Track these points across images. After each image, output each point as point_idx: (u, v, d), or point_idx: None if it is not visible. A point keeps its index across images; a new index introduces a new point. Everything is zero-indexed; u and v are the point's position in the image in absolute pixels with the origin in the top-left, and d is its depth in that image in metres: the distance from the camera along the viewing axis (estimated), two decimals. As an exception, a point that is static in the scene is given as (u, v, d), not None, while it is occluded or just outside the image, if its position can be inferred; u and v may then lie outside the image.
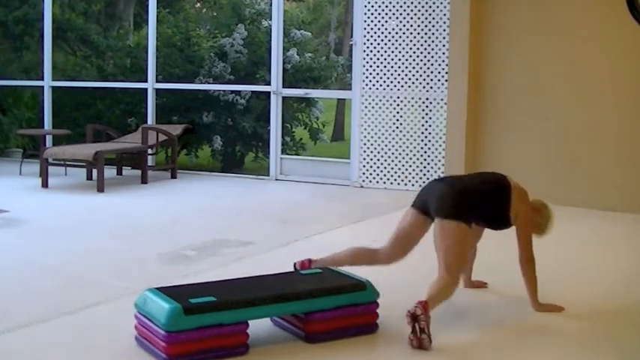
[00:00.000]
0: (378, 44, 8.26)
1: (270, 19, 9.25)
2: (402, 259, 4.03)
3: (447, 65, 7.90)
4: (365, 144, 8.37)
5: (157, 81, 9.86)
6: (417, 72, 8.14)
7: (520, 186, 3.96)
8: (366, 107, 8.36)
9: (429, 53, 8.08)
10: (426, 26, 8.07)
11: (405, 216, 4.00)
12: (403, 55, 8.18)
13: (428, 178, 7.84)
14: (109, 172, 8.64)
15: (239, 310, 3.25)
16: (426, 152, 8.14)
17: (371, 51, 8.29)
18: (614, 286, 4.62)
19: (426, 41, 8.08)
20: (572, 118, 7.30)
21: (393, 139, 8.27)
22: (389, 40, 8.22)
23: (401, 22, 8.17)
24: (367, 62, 8.32)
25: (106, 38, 13.01)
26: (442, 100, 8.02)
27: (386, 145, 8.29)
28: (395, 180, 8.28)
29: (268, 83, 9.28)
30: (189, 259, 5.10)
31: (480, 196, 3.85)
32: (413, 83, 8.16)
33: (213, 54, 10.73)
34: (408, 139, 8.22)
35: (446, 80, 7.93)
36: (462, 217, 3.72)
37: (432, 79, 8.09)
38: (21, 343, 3.47)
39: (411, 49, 8.14)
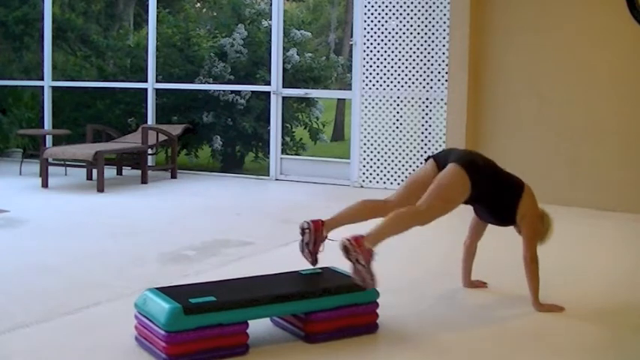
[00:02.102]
0: (378, 44, 8.27)
1: (270, 19, 9.25)
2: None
3: (447, 65, 7.90)
4: (365, 144, 8.37)
5: (157, 81, 9.86)
6: (417, 72, 8.14)
7: (531, 190, 4.02)
8: (366, 107, 8.36)
9: (429, 53, 8.08)
10: (426, 26, 8.07)
11: (420, 168, 4.05)
12: (403, 55, 8.18)
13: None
14: (109, 172, 8.65)
15: (239, 310, 3.25)
16: (426, 152, 8.13)
17: (371, 51, 8.29)
18: (614, 286, 4.62)
19: (426, 41, 8.08)
20: (573, 118, 7.31)
21: (393, 139, 8.27)
22: (389, 40, 8.22)
23: (401, 22, 8.17)
24: (367, 62, 8.32)
25: (106, 38, 13.01)
26: (442, 100, 8.02)
27: (386, 145, 8.29)
28: (395, 180, 8.28)
29: (268, 83, 9.29)
30: (189, 259, 5.10)
31: (497, 182, 3.92)
32: (413, 83, 8.17)
33: (213, 54, 10.73)
34: (408, 139, 8.22)
35: (446, 80, 7.93)
36: (472, 172, 3.77)
37: (432, 79, 8.09)
38: (21, 343, 3.47)
39: (411, 49, 8.15)
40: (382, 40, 8.25)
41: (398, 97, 8.24)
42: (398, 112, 8.25)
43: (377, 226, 3.62)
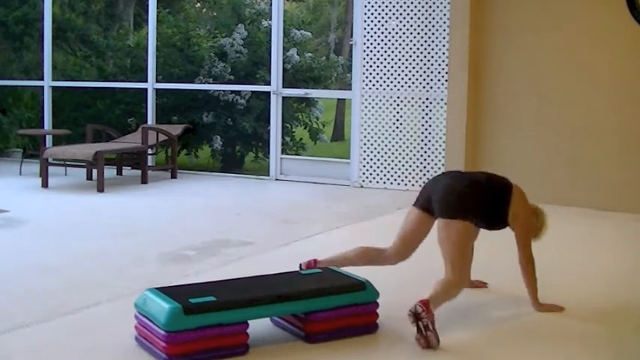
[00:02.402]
0: (378, 44, 8.27)
1: (270, 19, 9.25)
2: (408, 258, 4.07)
3: (447, 65, 7.90)
4: (365, 144, 8.37)
5: (157, 81, 9.86)
6: (417, 72, 8.14)
7: (520, 189, 3.98)
8: (366, 107, 8.36)
9: (429, 53, 8.08)
10: (426, 26, 8.07)
11: (408, 215, 4.03)
12: (403, 55, 8.18)
13: (428, 178, 7.81)
14: (109, 172, 8.65)
15: (239, 310, 3.25)
16: (426, 152, 8.14)
17: (371, 51, 8.29)
18: (614, 286, 4.62)
19: (426, 41, 8.08)
20: (573, 118, 7.30)
21: (393, 139, 8.27)
22: (389, 40, 8.22)
23: (401, 22, 8.17)
24: (367, 62, 8.32)
25: (106, 38, 13.01)
26: (442, 100, 8.02)
27: (386, 145, 8.29)
28: (395, 180, 8.28)
29: (268, 83, 9.29)
30: (189, 259, 5.10)
31: (481, 195, 3.86)
32: (413, 83, 8.16)
33: (213, 54, 10.73)
34: (408, 139, 8.22)
35: (446, 80, 7.93)
36: (466, 215, 3.75)
37: (432, 79, 8.09)
38: (21, 343, 3.47)
39: (411, 49, 8.14)
40: (382, 40, 8.25)
41: (398, 97, 8.24)
42: (398, 112, 8.25)
43: (434, 294, 3.55)
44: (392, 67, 8.23)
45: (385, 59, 8.25)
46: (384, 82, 8.27)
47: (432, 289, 3.57)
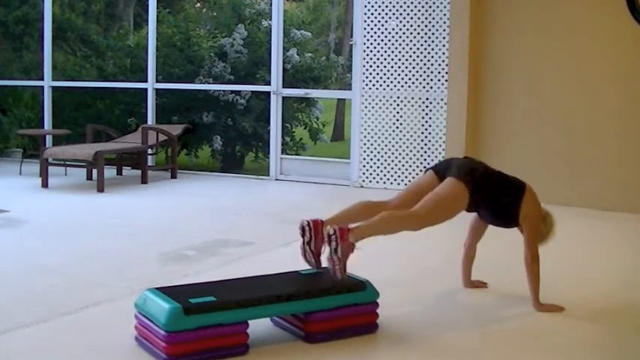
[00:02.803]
0: (378, 44, 8.27)
1: (270, 19, 9.25)
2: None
3: (447, 65, 7.91)
4: (365, 144, 8.37)
5: (157, 81, 9.86)
6: (417, 72, 8.14)
7: (533, 191, 4.02)
8: (366, 107, 8.36)
9: (429, 53, 8.08)
10: (426, 26, 8.07)
11: (420, 177, 4.08)
12: (403, 55, 8.18)
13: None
14: (109, 172, 8.65)
15: (239, 310, 3.25)
16: (426, 152, 8.14)
17: (371, 51, 8.29)
18: (615, 286, 4.62)
19: (426, 41, 8.08)
20: (573, 118, 7.31)
21: (393, 139, 8.27)
22: (389, 40, 8.22)
23: (401, 22, 8.17)
24: (367, 62, 8.32)
25: (106, 38, 13.02)
26: (442, 100, 8.02)
27: (386, 145, 8.29)
28: (395, 180, 8.28)
29: (268, 83, 9.29)
30: (189, 259, 5.10)
31: (497, 187, 3.92)
32: (413, 83, 8.17)
33: (213, 54, 10.73)
34: (408, 139, 8.22)
35: (446, 80, 7.93)
36: (470, 185, 3.79)
37: (432, 79, 8.09)
38: (21, 343, 3.47)
39: (411, 49, 8.14)
40: (382, 40, 8.25)
41: (398, 97, 8.24)
42: (398, 112, 8.25)
43: (367, 222, 3.64)
44: (392, 67, 8.23)
45: (385, 59, 8.25)
46: (384, 82, 8.27)
47: (374, 218, 3.61)
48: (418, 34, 8.10)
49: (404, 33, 8.16)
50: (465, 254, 4.32)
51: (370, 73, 8.32)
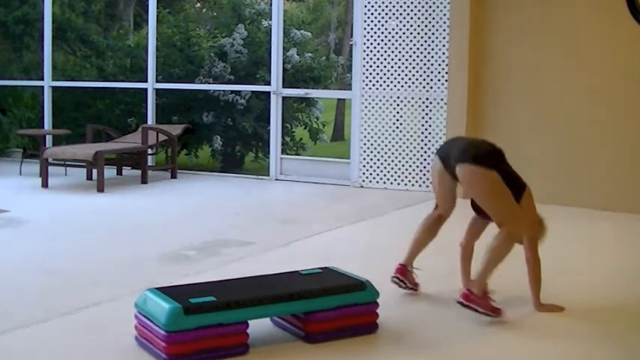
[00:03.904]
0: (378, 44, 8.26)
1: (270, 19, 9.25)
2: (454, 207, 4.19)
3: (447, 65, 7.90)
4: (365, 144, 8.37)
5: (157, 81, 9.86)
6: (417, 72, 8.14)
7: (532, 194, 4.01)
8: (366, 107, 8.36)
9: (429, 53, 8.08)
10: (426, 26, 8.07)
11: (434, 172, 4.15)
12: (403, 55, 8.18)
13: (428, 178, 7.83)
14: (109, 172, 8.64)
15: (239, 310, 3.25)
16: (425, 152, 8.13)
17: (371, 51, 8.29)
18: (615, 286, 4.62)
19: (426, 41, 8.08)
20: (573, 118, 7.30)
21: (393, 139, 8.27)
22: (389, 40, 8.22)
23: (401, 22, 8.17)
24: (367, 62, 8.32)
25: (106, 38, 13.02)
26: (442, 100, 8.02)
27: (386, 145, 8.29)
28: (395, 180, 8.28)
29: (268, 83, 9.28)
30: (189, 259, 5.10)
31: (507, 169, 3.93)
32: (413, 83, 8.16)
33: (213, 54, 10.73)
34: (408, 139, 8.22)
35: (446, 80, 7.93)
36: (496, 167, 3.83)
37: (432, 79, 8.09)
38: (21, 343, 3.47)
39: (411, 49, 8.14)
40: (382, 40, 8.25)
41: (398, 97, 8.23)
42: (398, 112, 8.25)
43: (480, 272, 3.76)
44: (392, 67, 8.22)
45: (385, 59, 8.24)
46: (384, 82, 8.27)
47: (482, 264, 3.78)
48: (418, 34, 8.10)
49: (404, 33, 8.16)
50: (462, 253, 4.31)
51: (370, 73, 8.32)
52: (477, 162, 3.82)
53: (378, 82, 8.29)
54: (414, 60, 8.14)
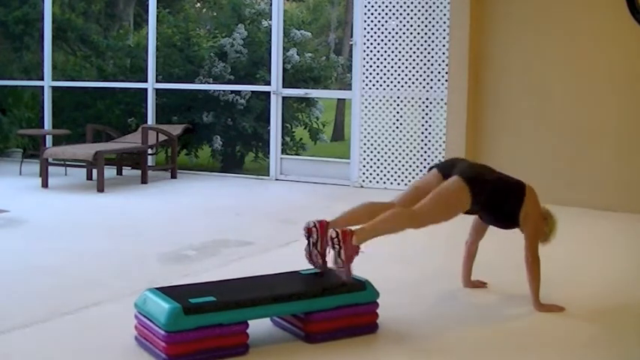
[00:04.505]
0: (378, 44, 8.26)
1: (270, 19, 9.25)
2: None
3: (447, 65, 7.90)
4: (365, 144, 8.37)
5: (157, 81, 9.86)
6: (417, 72, 8.14)
7: (533, 190, 4.02)
8: (366, 107, 8.36)
9: (429, 53, 8.08)
10: (426, 26, 8.07)
11: (425, 175, 4.08)
12: (403, 55, 8.18)
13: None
14: (109, 172, 8.64)
15: (239, 310, 3.25)
16: (426, 152, 8.13)
17: (371, 51, 8.29)
18: (614, 286, 4.62)
19: (426, 41, 8.08)
20: (573, 118, 7.31)
21: (393, 139, 8.27)
22: (389, 40, 8.22)
23: (401, 22, 8.17)
24: (367, 62, 8.32)
25: (106, 38, 13.01)
26: (442, 100, 8.02)
27: (386, 145, 8.29)
28: (395, 180, 8.28)
29: (268, 83, 9.28)
30: (189, 259, 5.10)
31: (500, 195, 3.91)
32: (413, 83, 8.16)
33: (213, 54, 10.73)
34: (408, 139, 8.22)
35: (446, 80, 7.93)
36: (474, 186, 3.79)
37: (432, 79, 8.09)
38: (21, 343, 3.47)
39: (411, 49, 8.14)
40: (382, 40, 8.25)
41: (398, 97, 8.23)
42: (398, 112, 8.25)
43: (369, 224, 3.63)
44: (392, 67, 8.22)
45: (385, 59, 8.24)
46: (384, 82, 8.27)
47: (377, 218, 3.60)
48: (418, 34, 8.10)
49: (404, 33, 8.16)
50: (467, 252, 4.32)
51: (370, 73, 8.32)
52: (463, 178, 3.80)
53: (378, 82, 8.29)
54: (414, 60, 8.14)
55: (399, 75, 8.21)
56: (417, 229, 3.79)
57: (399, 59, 8.19)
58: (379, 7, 8.22)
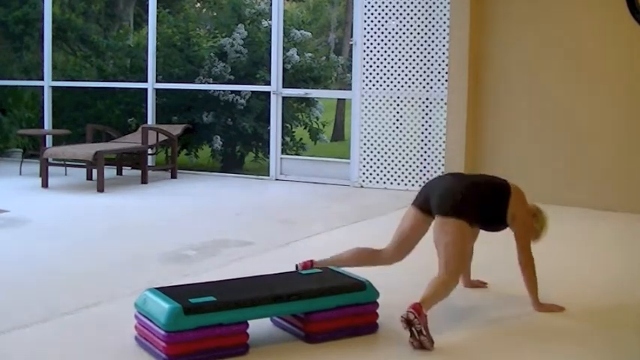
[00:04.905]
0: (378, 44, 8.26)
1: (270, 19, 9.25)
2: (403, 259, 4.07)
3: (447, 65, 7.90)
4: (365, 144, 8.37)
5: (157, 81, 9.86)
6: (417, 72, 8.14)
7: (519, 189, 3.97)
8: (366, 107, 8.36)
9: (429, 53, 8.08)
10: (426, 26, 8.07)
11: (406, 216, 4.03)
12: (403, 55, 8.18)
13: (428, 178, 7.82)
14: (109, 172, 8.64)
15: (239, 310, 3.25)
16: (426, 152, 8.14)
17: (371, 51, 8.29)
18: (614, 285, 4.62)
19: (426, 41, 8.08)
20: (572, 118, 7.31)
21: (393, 139, 8.27)
22: (389, 40, 8.22)
23: (401, 22, 8.17)
24: (367, 62, 8.32)
25: (106, 38, 13.01)
26: (442, 100, 8.02)
27: (386, 145, 8.29)
28: (395, 180, 8.28)
29: (268, 83, 9.28)
30: (189, 259, 5.10)
31: (480, 197, 3.86)
32: (413, 83, 8.16)
33: (213, 54, 10.73)
34: (408, 139, 8.22)
35: (446, 80, 7.93)
36: (462, 215, 3.74)
37: (432, 79, 8.09)
38: (21, 343, 3.47)
39: (411, 49, 8.14)
40: (382, 40, 8.25)
41: (398, 97, 8.23)
42: (398, 112, 8.25)
43: (428, 294, 3.54)
44: (392, 67, 8.22)
45: (385, 59, 8.24)
46: (384, 82, 8.27)
47: (425, 290, 3.56)
48: (418, 34, 8.10)
49: (404, 33, 8.16)
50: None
51: (370, 73, 8.32)
52: (449, 214, 3.74)
53: (378, 82, 8.29)
54: (414, 60, 8.14)
55: (399, 75, 8.21)
56: (456, 283, 3.74)
57: (399, 59, 8.19)
58: (379, 7, 8.22)
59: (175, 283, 3.91)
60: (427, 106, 8.14)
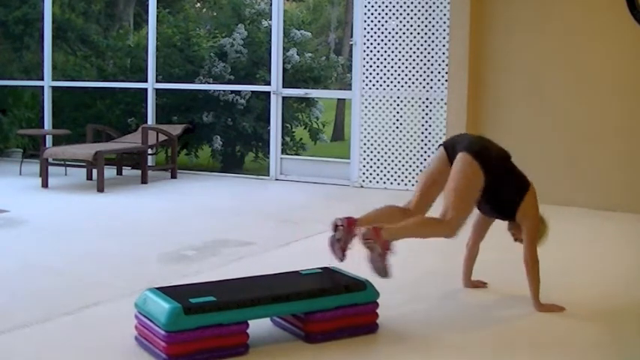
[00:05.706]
0: (378, 44, 8.26)
1: (270, 19, 9.25)
2: (426, 212, 4.01)
3: (447, 65, 7.90)
4: (365, 144, 8.37)
5: (157, 81, 9.86)
6: (417, 72, 8.14)
7: (535, 192, 4.01)
8: (366, 107, 8.36)
9: (429, 53, 8.08)
10: (426, 26, 8.07)
11: (433, 160, 4.06)
12: (403, 55, 8.18)
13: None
14: (109, 172, 8.64)
15: (239, 310, 3.25)
16: (426, 152, 8.13)
17: (371, 51, 8.29)
18: (615, 286, 4.62)
19: (426, 41, 8.08)
20: (573, 118, 7.31)
21: (393, 139, 8.27)
22: (389, 40, 8.22)
23: (401, 22, 8.17)
24: (367, 62, 8.32)
25: (106, 38, 13.02)
26: (442, 100, 8.02)
27: (386, 145, 8.29)
28: (395, 180, 8.28)
29: (268, 83, 9.28)
30: (189, 259, 5.10)
31: (506, 170, 3.93)
32: (413, 83, 8.16)
33: (213, 54, 10.73)
34: (408, 139, 8.22)
35: (446, 80, 7.93)
36: (485, 164, 3.79)
37: (432, 79, 8.09)
38: (21, 343, 3.47)
39: (411, 49, 8.14)
40: (382, 40, 8.25)
41: (398, 97, 8.23)
42: (398, 112, 8.25)
43: (400, 224, 3.66)
44: (392, 67, 8.22)
45: (385, 59, 8.24)
46: (384, 82, 8.27)
47: (407, 220, 3.64)
48: (418, 34, 8.10)
49: (404, 33, 8.16)
50: (468, 253, 4.32)
51: (370, 73, 8.32)
52: (472, 153, 3.81)
53: (378, 82, 8.29)
54: (414, 60, 8.14)
55: (399, 75, 8.21)
56: (452, 236, 3.77)
57: (399, 59, 8.19)
58: (379, 7, 8.22)
59: (175, 283, 3.90)
60: (427, 106, 8.14)
